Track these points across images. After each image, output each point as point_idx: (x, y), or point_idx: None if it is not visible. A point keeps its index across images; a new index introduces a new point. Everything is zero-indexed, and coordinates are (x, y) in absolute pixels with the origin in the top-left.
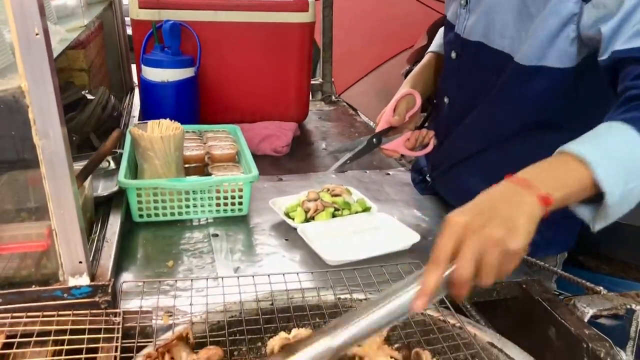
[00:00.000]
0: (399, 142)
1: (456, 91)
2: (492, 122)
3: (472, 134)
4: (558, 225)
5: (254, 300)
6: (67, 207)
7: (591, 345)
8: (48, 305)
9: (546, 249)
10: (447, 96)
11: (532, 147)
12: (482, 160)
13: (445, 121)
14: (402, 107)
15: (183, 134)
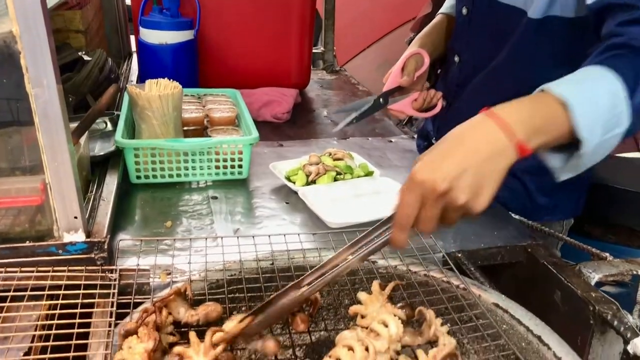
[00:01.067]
0: (406, 103)
1: (466, 49)
2: (502, 83)
3: (481, 95)
4: (566, 190)
5: (254, 260)
6: (61, 159)
7: (598, 307)
8: (42, 261)
9: (553, 214)
10: (457, 55)
11: None
12: None
13: (454, 81)
14: (410, 67)
15: (182, 94)
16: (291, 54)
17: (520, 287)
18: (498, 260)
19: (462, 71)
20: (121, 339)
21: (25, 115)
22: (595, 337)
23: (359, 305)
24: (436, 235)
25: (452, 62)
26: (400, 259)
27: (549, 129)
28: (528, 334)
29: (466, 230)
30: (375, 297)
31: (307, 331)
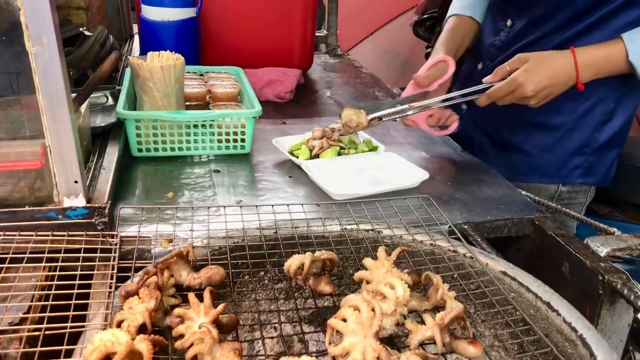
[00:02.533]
0: (422, 116)
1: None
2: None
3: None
4: (602, 153)
5: (257, 228)
6: (61, 122)
7: (607, 277)
8: (42, 226)
9: (585, 175)
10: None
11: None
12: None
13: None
14: (433, 73)
15: (184, 65)
16: (294, 34)
17: (527, 260)
18: (505, 232)
19: (509, 36)
20: (122, 300)
21: (25, 76)
22: (604, 307)
23: (364, 271)
24: (442, 208)
25: (501, 27)
26: (405, 229)
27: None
28: (537, 301)
29: (472, 204)
30: (381, 263)
31: (331, 294)
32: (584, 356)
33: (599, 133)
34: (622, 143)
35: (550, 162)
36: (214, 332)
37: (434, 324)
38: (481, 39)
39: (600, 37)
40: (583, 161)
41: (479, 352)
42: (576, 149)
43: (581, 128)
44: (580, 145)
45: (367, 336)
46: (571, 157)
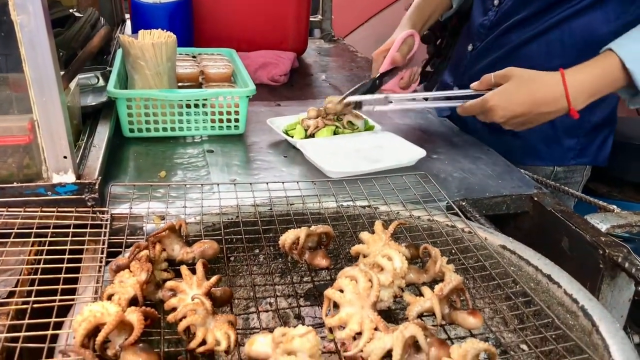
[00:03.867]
0: (395, 82)
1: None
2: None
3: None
4: (595, 134)
5: (252, 205)
6: (49, 95)
7: (608, 251)
8: (31, 202)
9: (579, 157)
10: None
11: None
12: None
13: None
14: (404, 50)
15: (175, 43)
16: (288, 17)
17: (526, 237)
18: (503, 209)
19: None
20: (113, 275)
21: (11, 47)
22: (604, 282)
23: (361, 245)
24: (440, 185)
25: (489, 7)
26: (402, 205)
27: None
28: (537, 274)
29: (470, 181)
30: (378, 237)
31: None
32: (585, 327)
33: (591, 115)
34: (614, 122)
35: (543, 145)
36: (207, 304)
37: (433, 295)
38: (471, 20)
39: (595, 19)
40: (576, 143)
41: (479, 322)
42: (568, 131)
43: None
44: (573, 128)
45: (364, 307)
46: (564, 140)
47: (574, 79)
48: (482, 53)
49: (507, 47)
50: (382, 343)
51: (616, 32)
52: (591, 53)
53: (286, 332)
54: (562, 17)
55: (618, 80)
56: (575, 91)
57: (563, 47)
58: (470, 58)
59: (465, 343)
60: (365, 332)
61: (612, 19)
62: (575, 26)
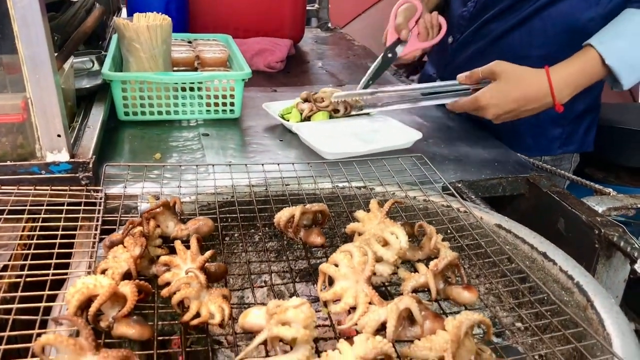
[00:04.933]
0: (413, 42)
1: None
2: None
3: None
4: (579, 122)
5: (247, 186)
6: (43, 72)
7: (604, 230)
8: (25, 180)
9: (565, 145)
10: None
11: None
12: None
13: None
14: (401, 18)
15: (170, 26)
16: (285, 4)
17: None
18: (499, 191)
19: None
20: (106, 251)
21: (4, 24)
22: (600, 262)
23: (356, 223)
24: (436, 167)
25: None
26: (398, 186)
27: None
28: (533, 252)
29: (466, 163)
30: (373, 215)
31: (323, 246)
32: (580, 302)
33: (574, 104)
34: (597, 108)
35: (528, 135)
36: (201, 277)
37: (428, 270)
38: (450, 11)
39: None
40: (561, 132)
41: (474, 297)
42: (553, 121)
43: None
44: (557, 117)
45: (359, 281)
46: (548, 130)
47: (558, 76)
48: (463, 45)
49: (488, 37)
50: (376, 315)
51: (597, 17)
52: (574, 40)
53: (280, 304)
54: (541, 4)
55: (599, 73)
56: (559, 87)
57: (545, 35)
58: (452, 51)
59: (460, 315)
60: (359, 305)
61: (592, 4)
62: (556, 13)
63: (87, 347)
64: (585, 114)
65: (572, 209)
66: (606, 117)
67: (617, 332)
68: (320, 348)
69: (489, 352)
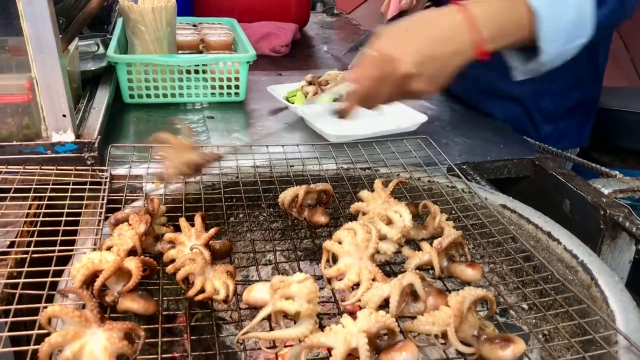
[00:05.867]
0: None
1: None
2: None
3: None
4: (571, 118)
5: (252, 167)
6: (48, 52)
7: (609, 211)
8: (31, 160)
9: (559, 142)
10: None
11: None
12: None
13: None
14: None
15: (175, 8)
16: None
17: (527, 200)
18: (505, 173)
19: None
20: (112, 229)
21: (9, 4)
22: (605, 242)
23: (360, 203)
24: (441, 149)
25: None
26: (403, 167)
27: (512, 34)
28: (537, 232)
29: (471, 145)
30: (378, 194)
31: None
32: (585, 281)
33: (567, 99)
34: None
35: (519, 131)
36: (206, 254)
37: (432, 248)
38: None
39: None
40: (553, 128)
41: (478, 274)
42: (543, 117)
43: (547, 96)
44: (548, 114)
45: (362, 258)
46: (540, 126)
47: (473, 7)
48: None
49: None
50: (379, 291)
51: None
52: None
53: (284, 280)
54: None
55: (522, 20)
56: (479, 21)
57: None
58: None
59: (463, 290)
60: (363, 282)
61: None
62: None
63: (92, 319)
64: (577, 110)
65: (578, 190)
66: (610, 101)
67: (621, 309)
68: (325, 324)
69: (492, 327)
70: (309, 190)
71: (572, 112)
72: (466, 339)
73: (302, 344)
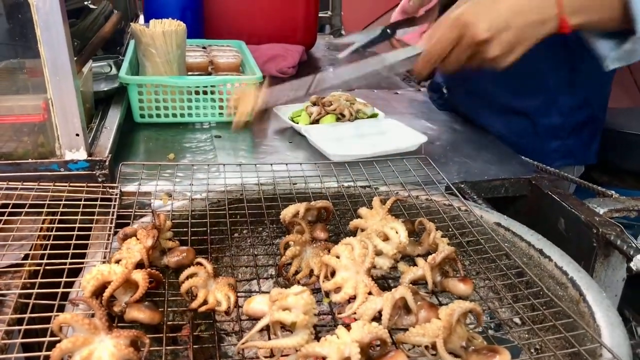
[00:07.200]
0: (416, 34)
1: None
2: None
3: None
4: (579, 134)
5: (256, 184)
6: (63, 74)
7: (601, 229)
8: (45, 177)
9: (565, 158)
10: None
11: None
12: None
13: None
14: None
15: (185, 32)
16: (297, 11)
17: (524, 221)
18: (502, 192)
19: None
20: (120, 243)
21: (28, 29)
22: (598, 261)
23: (359, 220)
24: (440, 168)
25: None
26: (402, 186)
27: (599, 9)
28: (530, 249)
29: (470, 165)
30: (376, 211)
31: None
32: (574, 296)
33: (574, 117)
34: (599, 121)
35: (526, 147)
36: (208, 267)
37: (425, 263)
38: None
39: None
40: (560, 145)
41: (469, 289)
42: (551, 133)
43: (554, 112)
44: (555, 129)
45: (359, 272)
46: (547, 142)
47: None
48: None
49: None
50: (373, 304)
51: None
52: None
53: (282, 291)
54: None
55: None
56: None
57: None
58: None
59: (452, 303)
60: (359, 295)
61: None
62: None
63: (101, 327)
64: (586, 126)
65: (572, 209)
66: (612, 121)
67: (607, 324)
68: (321, 336)
69: (480, 339)
70: (309, 207)
71: (580, 129)
72: (455, 350)
73: (297, 353)
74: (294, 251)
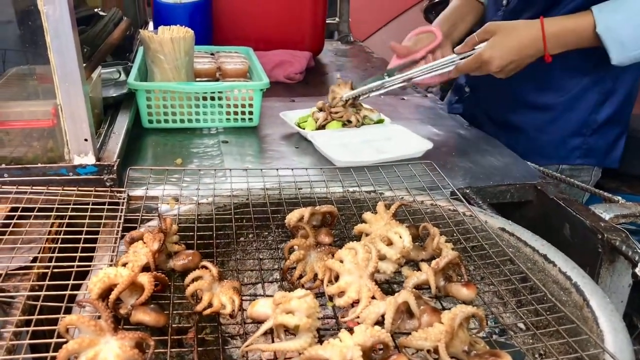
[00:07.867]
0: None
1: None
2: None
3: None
4: (603, 134)
5: (262, 189)
6: (72, 79)
7: (607, 235)
8: (53, 181)
9: (585, 156)
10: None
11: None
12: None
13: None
14: (411, 43)
15: (193, 39)
16: (305, 17)
17: (530, 226)
18: (507, 198)
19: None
20: (127, 247)
21: (38, 36)
22: (603, 266)
23: (363, 224)
24: (445, 174)
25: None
26: (407, 191)
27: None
28: (534, 254)
29: (475, 170)
30: (380, 216)
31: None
32: (577, 302)
33: (597, 113)
34: (624, 121)
35: (547, 142)
36: (214, 270)
37: (429, 268)
38: (485, 19)
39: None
40: (581, 142)
41: (473, 294)
42: (573, 130)
43: (578, 108)
44: (578, 126)
45: (362, 276)
46: (569, 138)
47: (551, 27)
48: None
49: None
50: (376, 308)
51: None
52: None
53: (286, 295)
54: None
55: (589, 39)
56: (550, 36)
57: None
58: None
59: (455, 307)
60: (362, 299)
61: None
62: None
63: (106, 329)
64: (609, 126)
65: (577, 214)
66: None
67: (610, 329)
68: (325, 339)
69: (483, 344)
70: (314, 212)
71: (603, 128)
72: (457, 354)
73: (301, 357)
74: (298, 255)
